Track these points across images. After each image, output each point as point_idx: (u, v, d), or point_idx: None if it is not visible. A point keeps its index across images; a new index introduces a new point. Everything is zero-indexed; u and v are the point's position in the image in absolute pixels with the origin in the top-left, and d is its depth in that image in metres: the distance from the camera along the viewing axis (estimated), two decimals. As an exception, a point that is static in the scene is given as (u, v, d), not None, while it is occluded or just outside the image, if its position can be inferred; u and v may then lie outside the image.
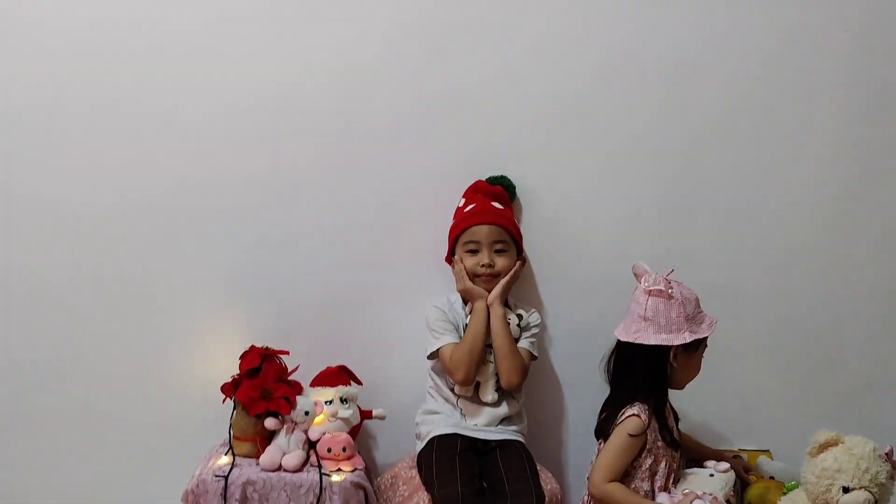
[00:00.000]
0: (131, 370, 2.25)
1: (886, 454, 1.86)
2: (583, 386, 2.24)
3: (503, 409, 2.10)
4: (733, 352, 2.26)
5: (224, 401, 2.06)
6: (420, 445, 2.08)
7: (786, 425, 2.27)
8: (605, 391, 2.03)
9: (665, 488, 1.92)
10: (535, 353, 2.14)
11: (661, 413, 1.94)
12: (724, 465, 1.93)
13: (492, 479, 1.96)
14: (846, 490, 1.81)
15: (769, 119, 2.24)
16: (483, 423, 2.08)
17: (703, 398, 2.20)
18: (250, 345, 2.09)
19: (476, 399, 2.10)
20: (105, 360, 2.25)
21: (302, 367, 2.13)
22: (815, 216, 2.28)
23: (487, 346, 2.08)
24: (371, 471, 2.17)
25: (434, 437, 2.04)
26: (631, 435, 1.88)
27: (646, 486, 1.91)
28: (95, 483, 2.26)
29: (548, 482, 2.01)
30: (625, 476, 1.91)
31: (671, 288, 1.90)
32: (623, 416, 1.91)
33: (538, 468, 2.02)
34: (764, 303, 2.29)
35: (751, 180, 2.26)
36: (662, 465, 1.93)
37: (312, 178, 2.23)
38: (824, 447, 1.86)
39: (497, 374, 2.09)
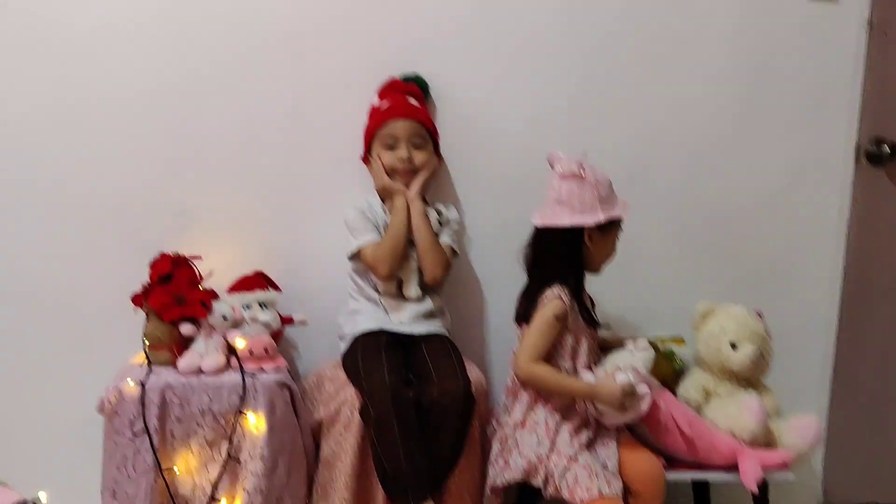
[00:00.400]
0: (35, 288, 2.14)
1: (758, 314, 2.09)
2: (502, 282, 2.26)
3: (426, 305, 2.10)
4: (644, 239, 2.31)
5: (135, 310, 1.98)
6: (344, 345, 2.06)
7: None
8: (520, 282, 2.05)
9: (588, 366, 1.97)
10: (457, 249, 2.14)
11: (580, 294, 1.98)
12: (643, 343, 1.99)
13: (418, 369, 1.96)
14: (734, 346, 2.02)
15: (674, 7, 2.28)
16: (407, 319, 2.08)
17: (617, 286, 2.24)
18: (160, 253, 2.01)
19: (399, 296, 2.09)
20: (6, 283, 2.14)
21: (217, 277, 2.06)
22: (723, 105, 2.34)
23: (408, 242, 2.07)
24: (295, 378, 2.13)
25: (358, 334, 2.02)
26: (555, 316, 1.91)
27: (567, 364, 1.96)
28: (3, 408, 2.16)
29: (473, 371, 2.02)
30: (548, 357, 1.94)
31: (584, 170, 1.93)
32: (544, 299, 1.94)
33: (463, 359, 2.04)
34: (673, 191, 2.36)
35: (658, 70, 2.30)
36: (583, 344, 1.97)
37: (219, 84, 2.14)
38: (706, 316, 2.09)
39: (420, 270, 2.08)
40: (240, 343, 1.93)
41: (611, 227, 1.98)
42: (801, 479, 2.46)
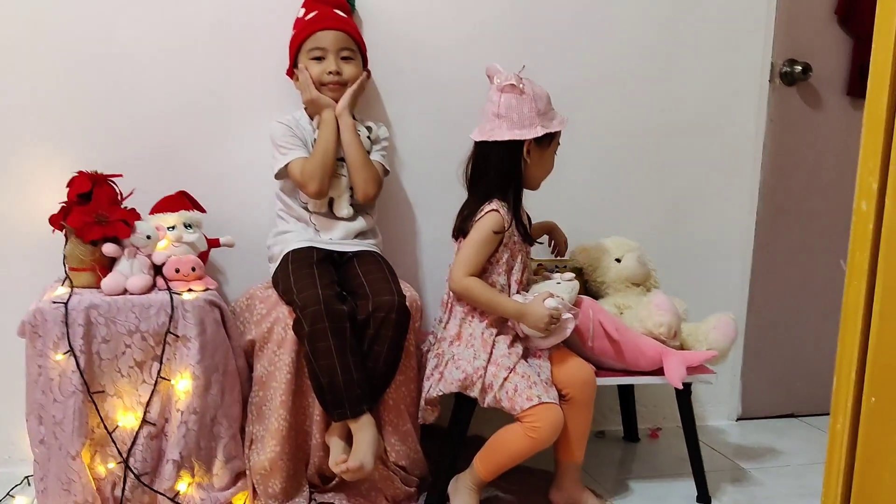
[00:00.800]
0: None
1: None
2: (433, 202, 2.28)
3: (358, 224, 2.08)
4: (570, 163, 2.32)
5: (54, 233, 1.89)
6: (274, 266, 2.03)
7: (631, 223, 2.42)
8: (456, 206, 2.05)
9: (520, 282, 2.00)
10: (388, 167, 2.12)
11: (517, 210, 1.99)
12: (569, 276, 2.03)
13: (351, 284, 1.95)
14: (618, 260, 2.22)
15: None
16: (338, 237, 2.06)
17: (544, 208, 2.24)
18: (77, 171, 1.92)
19: (331, 214, 2.06)
20: None
21: (139, 198, 1.98)
22: (643, 31, 2.40)
23: (339, 159, 2.04)
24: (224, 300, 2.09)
25: (288, 252, 1.99)
26: (493, 230, 1.92)
27: (502, 280, 1.98)
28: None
29: (407, 289, 2.02)
30: (483, 272, 1.96)
31: (522, 83, 1.93)
32: (482, 213, 1.94)
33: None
34: (598, 115, 2.40)
35: (580, 5, 2.33)
36: (518, 260, 2.00)
37: (132, -3, 2.05)
38: (584, 249, 2.30)
39: (351, 188, 2.05)
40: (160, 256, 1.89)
41: (549, 141, 1.97)
42: (718, 394, 2.60)
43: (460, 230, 1.99)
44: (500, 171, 1.95)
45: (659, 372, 2.03)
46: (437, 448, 2.04)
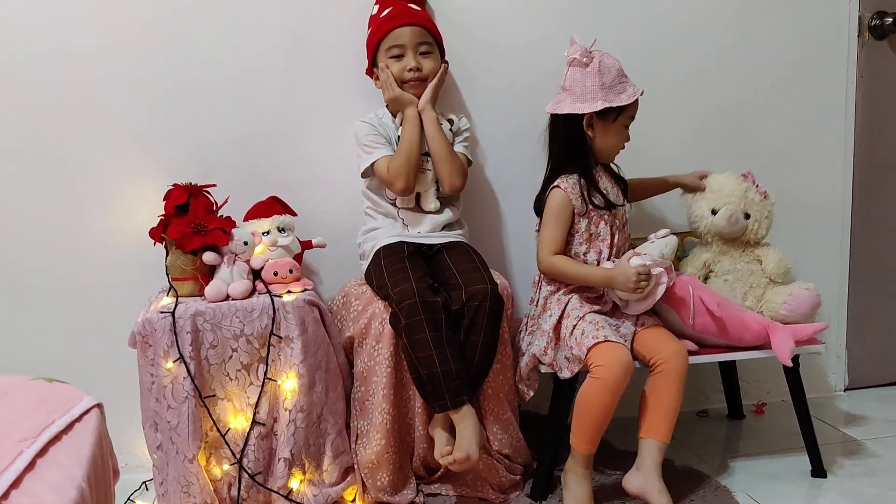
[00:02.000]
0: (51, 233, 2.11)
1: (743, 175, 2.15)
2: (516, 189, 2.26)
3: (445, 216, 2.08)
4: (656, 131, 2.31)
5: (155, 245, 1.95)
6: (366, 263, 2.05)
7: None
8: (536, 189, 2.05)
9: (612, 249, 1.97)
10: (470, 158, 2.12)
11: (591, 180, 1.96)
12: (664, 231, 1.98)
13: (443, 276, 1.95)
14: (714, 212, 2.10)
15: None
16: (426, 231, 2.06)
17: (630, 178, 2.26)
18: (172, 184, 1.98)
19: (418, 209, 2.07)
20: (24, 230, 2.10)
21: (232, 205, 2.02)
22: (716, 2, 2.34)
23: (423, 154, 2.04)
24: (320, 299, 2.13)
25: (379, 248, 2.01)
26: (557, 206, 1.94)
27: (584, 249, 1.97)
28: (31, 355, 2.13)
29: (497, 277, 2.02)
30: (567, 245, 1.96)
31: (587, 56, 1.90)
32: (549, 191, 1.95)
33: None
34: (682, 80, 2.35)
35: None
36: (602, 226, 1.97)
37: (215, 9, 2.09)
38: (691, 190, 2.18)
39: (437, 182, 2.06)
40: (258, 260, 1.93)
41: (615, 117, 1.93)
42: (824, 364, 2.51)
43: (536, 207, 2.02)
44: (566, 144, 1.96)
45: (764, 346, 1.97)
46: (540, 435, 2.03)
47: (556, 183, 1.95)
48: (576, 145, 1.95)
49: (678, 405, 1.86)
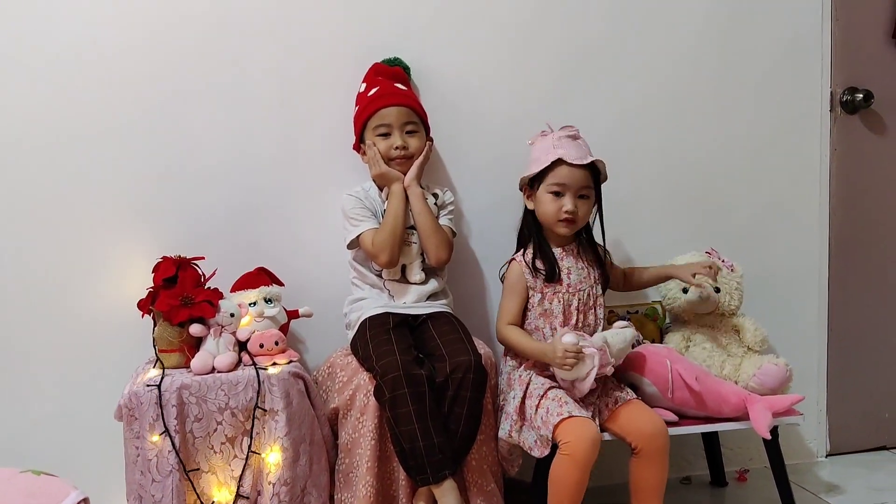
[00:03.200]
0: (38, 303, 2.13)
1: (707, 252, 2.25)
2: (499, 259, 2.28)
3: (430, 286, 2.12)
4: (633, 201, 2.39)
5: (143, 316, 1.98)
6: (352, 333, 2.08)
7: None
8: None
9: (567, 324, 2.02)
10: (455, 230, 2.17)
11: (544, 253, 2.03)
12: (624, 322, 2.02)
13: (427, 347, 1.99)
14: (685, 290, 2.21)
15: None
16: (412, 301, 2.10)
17: (609, 246, 2.31)
18: (161, 256, 2.02)
19: (403, 280, 2.12)
20: (9, 297, 2.12)
21: (219, 277, 2.07)
22: (698, 66, 2.42)
23: (408, 228, 2.09)
24: (306, 371, 2.15)
25: (365, 319, 2.04)
26: (509, 280, 2.05)
27: (541, 322, 2.03)
28: (17, 425, 2.14)
29: (481, 347, 2.05)
30: (523, 318, 2.05)
31: (547, 131, 2.02)
32: (507, 262, 2.07)
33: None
34: (657, 152, 2.42)
35: (634, 36, 2.37)
36: (555, 302, 2.02)
37: (204, 80, 2.15)
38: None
39: (422, 255, 2.11)
40: (243, 332, 1.96)
41: (538, 184, 2.00)
42: (805, 431, 2.54)
43: (501, 277, 2.10)
44: (524, 216, 2.08)
45: (743, 417, 2.00)
46: (524, 504, 2.04)
47: (513, 256, 2.06)
48: (527, 216, 2.08)
49: (664, 480, 1.91)
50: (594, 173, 2.02)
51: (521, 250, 2.06)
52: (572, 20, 2.32)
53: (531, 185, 2.03)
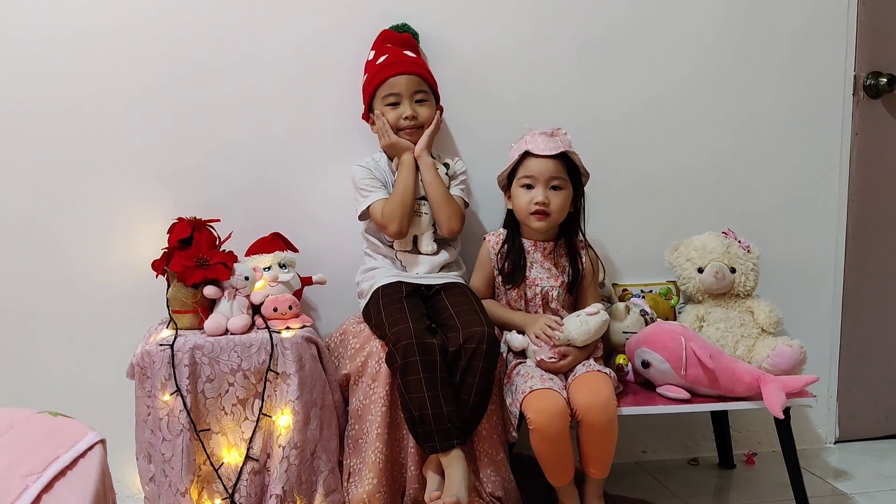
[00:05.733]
0: (53, 262, 2.13)
1: (724, 233, 2.23)
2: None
3: (442, 257, 2.12)
4: (653, 185, 2.39)
5: (157, 276, 1.98)
6: (364, 301, 2.08)
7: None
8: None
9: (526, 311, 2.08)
10: (467, 200, 2.16)
11: (514, 250, 2.06)
12: (594, 308, 1.99)
13: (440, 317, 1.98)
14: (701, 271, 2.16)
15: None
16: (424, 272, 2.10)
17: (629, 229, 2.38)
18: (177, 218, 2.01)
19: (415, 251, 2.11)
20: (26, 255, 2.13)
21: (234, 240, 2.06)
22: (721, 47, 2.39)
23: (419, 199, 2.08)
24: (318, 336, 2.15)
25: (378, 288, 2.04)
26: (480, 255, 2.12)
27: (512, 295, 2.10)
28: (30, 382, 2.15)
29: (493, 319, 2.04)
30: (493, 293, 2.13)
31: (528, 129, 2.04)
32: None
33: (482, 306, 2.05)
34: (678, 135, 2.39)
35: (657, 16, 2.34)
36: (512, 293, 2.07)
37: (220, 46, 2.14)
38: (673, 254, 2.24)
39: (434, 225, 2.10)
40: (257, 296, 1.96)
41: (519, 177, 2.03)
42: (815, 416, 2.53)
43: None
44: (506, 218, 2.13)
45: (756, 397, 1.99)
46: (529, 478, 2.03)
47: (486, 235, 2.10)
48: (507, 216, 2.11)
49: (612, 449, 1.90)
50: (569, 167, 2.02)
51: (495, 232, 2.11)
52: (596, 1, 2.29)
53: (509, 184, 2.06)
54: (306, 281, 2.10)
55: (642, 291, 2.33)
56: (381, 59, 2.09)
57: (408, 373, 1.83)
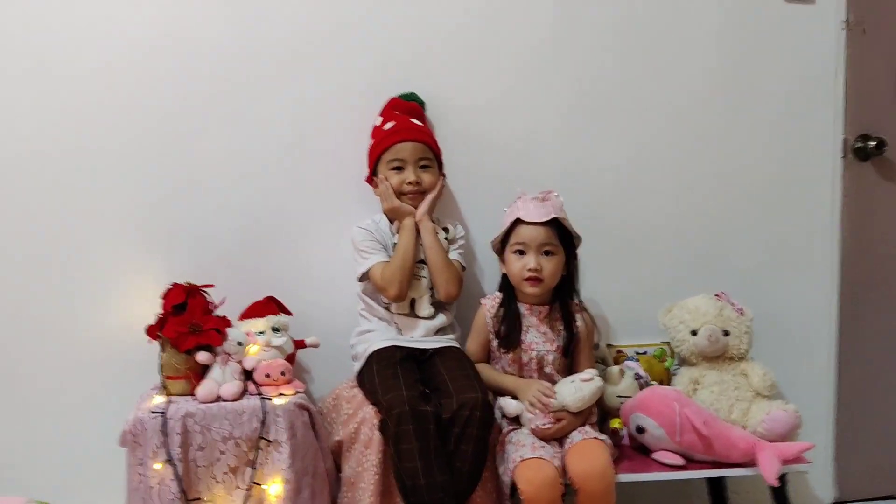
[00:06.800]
0: (46, 325, 2.14)
1: (717, 296, 2.22)
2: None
3: (439, 321, 2.12)
4: (641, 244, 2.41)
5: (149, 342, 1.98)
6: (358, 365, 2.07)
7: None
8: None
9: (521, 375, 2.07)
10: (464, 264, 2.17)
11: (509, 314, 2.06)
12: (588, 374, 1.99)
13: (434, 381, 1.97)
14: (694, 333, 2.16)
15: (658, 24, 2.37)
16: (419, 335, 2.10)
17: (617, 288, 2.39)
18: (172, 283, 2.02)
19: (412, 314, 2.11)
20: (18, 317, 2.14)
21: (228, 305, 2.06)
22: (710, 109, 2.42)
23: (418, 262, 2.10)
24: (312, 402, 2.14)
25: (373, 352, 2.04)
26: (476, 319, 2.12)
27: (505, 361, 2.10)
28: (21, 446, 2.14)
29: (488, 384, 2.04)
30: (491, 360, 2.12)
31: (521, 195, 2.07)
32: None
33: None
34: (666, 195, 2.41)
35: (647, 79, 2.37)
36: (504, 358, 2.07)
37: (218, 109, 2.18)
38: (667, 317, 2.24)
39: (431, 289, 2.11)
40: (250, 361, 1.96)
41: (511, 243, 2.05)
42: (812, 477, 2.51)
43: None
44: (501, 282, 2.13)
45: (751, 462, 1.98)
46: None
47: (483, 299, 2.11)
48: (502, 280, 2.11)
49: None
50: (561, 232, 2.05)
51: (492, 296, 2.12)
52: (586, 55, 2.33)
53: (502, 250, 2.09)
54: (299, 344, 2.10)
55: (637, 353, 2.33)
56: (389, 125, 2.13)
57: (401, 441, 1.82)
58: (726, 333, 2.19)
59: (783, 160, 2.47)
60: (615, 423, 2.10)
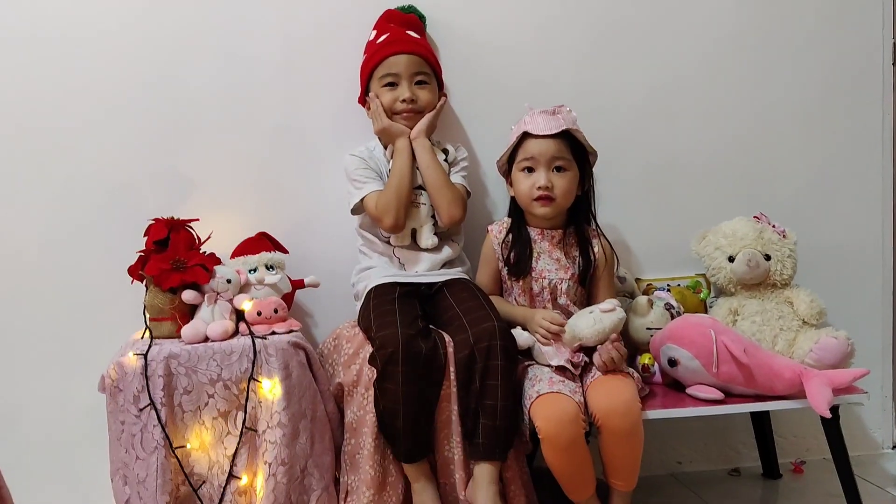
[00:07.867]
0: (26, 274, 2.01)
1: (755, 218, 2.03)
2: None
3: (444, 254, 1.95)
4: (680, 168, 2.23)
5: (132, 282, 1.84)
6: (359, 304, 1.91)
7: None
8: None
9: (532, 306, 1.90)
10: (469, 189, 1.98)
11: (519, 240, 1.89)
12: (609, 304, 1.78)
13: (445, 316, 1.81)
14: (731, 259, 1.97)
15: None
16: (424, 269, 1.93)
17: (655, 216, 2.21)
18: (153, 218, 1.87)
19: (414, 247, 1.94)
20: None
21: (221, 243, 1.91)
22: (750, 19, 2.22)
23: (416, 188, 1.92)
24: (313, 346, 1.98)
25: (371, 289, 1.87)
26: (484, 249, 1.95)
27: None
28: (3, 403, 2.02)
29: (502, 315, 1.86)
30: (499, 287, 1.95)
31: (530, 109, 1.88)
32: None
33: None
34: (705, 115, 2.22)
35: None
36: (515, 287, 1.90)
37: (208, 39, 2.03)
38: (700, 243, 2.06)
39: (433, 217, 1.93)
40: (247, 305, 1.79)
41: (519, 160, 1.87)
42: (868, 419, 2.29)
43: None
44: (510, 206, 1.97)
45: (798, 395, 1.77)
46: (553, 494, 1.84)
47: (490, 226, 1.93)
48: (511, 204, 1.94)
49: (638, 458, 1.70)
50: (574, 146, 1.85)
51: (499, 222, 1.94)
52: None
53: (509, 169, 1.90)
54: (298, 284, 1.94)
55: (668, 286, 2.13)
56: (382, 38, 1.94)
57: (385, 379, 1.67)
58: (767, 258, 1.98)
59: (824, 71, 2.28)
60: (645, 359, 1.91)
